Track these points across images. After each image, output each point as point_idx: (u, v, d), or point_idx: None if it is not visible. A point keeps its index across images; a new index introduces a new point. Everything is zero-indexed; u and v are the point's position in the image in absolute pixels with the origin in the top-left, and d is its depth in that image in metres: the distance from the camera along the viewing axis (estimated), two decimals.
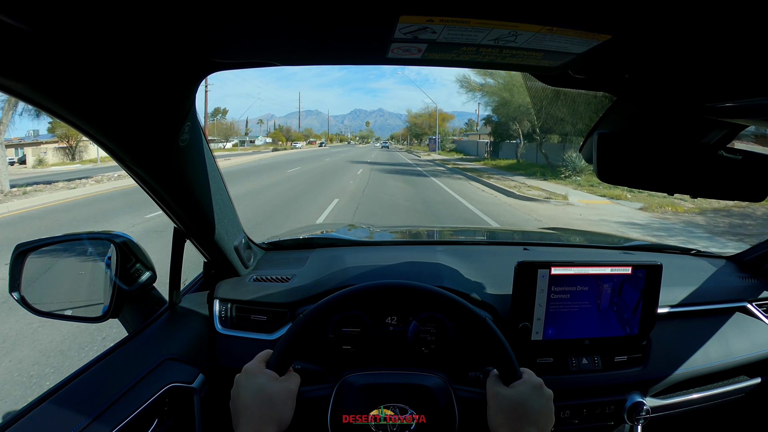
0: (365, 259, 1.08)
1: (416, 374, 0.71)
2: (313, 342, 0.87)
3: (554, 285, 0.88)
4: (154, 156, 0.63)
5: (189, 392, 0.82)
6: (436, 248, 1.21)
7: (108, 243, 0.92)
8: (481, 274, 1.02)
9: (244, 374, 0.62)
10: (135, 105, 0.54)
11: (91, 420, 0.64)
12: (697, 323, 1.05)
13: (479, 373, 0.81)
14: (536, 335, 0.89)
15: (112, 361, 0.77)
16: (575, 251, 1.33)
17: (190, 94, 0.61)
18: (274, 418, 0.59)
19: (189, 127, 0.66)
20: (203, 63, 0.57)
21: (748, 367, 1.08)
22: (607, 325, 0.92)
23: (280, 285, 0.97)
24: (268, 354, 0.65)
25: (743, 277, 1.19)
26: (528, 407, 0.59)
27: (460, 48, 0.48)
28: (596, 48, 0.48)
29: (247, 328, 0.93)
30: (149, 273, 0.94)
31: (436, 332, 0.88)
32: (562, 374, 0.92)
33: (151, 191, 0.71)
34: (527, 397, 0.60)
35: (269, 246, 1.18)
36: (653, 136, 0.73)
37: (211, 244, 0.88)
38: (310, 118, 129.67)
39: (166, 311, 0.91)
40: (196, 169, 0.74)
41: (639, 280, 0.92)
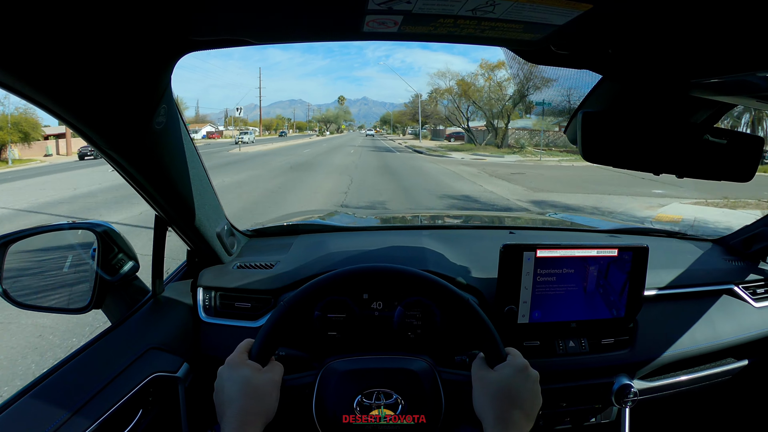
0: (349, 244, 1.07)
1: (400, 358, 0.70)
2: (298, 329, 0.86)
3: (540, 268, 0.87)
4: (129, 139, 0.62)
5: (173, 381, 0.81)
6: (421, 233, 1.21)
7: (90, 233, 0.91)
8: (466, 257, 1.02)
9: (227, 366, 0.61)
10: (106, 85, 0.52)
11: (72, 413, 0.64)
12: (684, 306, 1.06)
13: (465, 357, 0.81)
14: (522, 318, 0.89)
15: (93, 352, 0.76)
16: (562, 234, 1.33)
17: (165, 75, 0.60)
18: (260, 409, 0.58)
19: (165, 110, 0.64)
20: (177, 42, 0.55)
21: (735, 349, 1.09)
22: (594, 308, 0.92)
23: (264, 272, 0.96)
24: (249, 343, 0.64)
25: (729, 259, 1.19)
26: (513, 390, 0.59)
27: (437, 20, 0.47)
28: (578, 19, 0.47)
29: (231, 316, 0.92)
30: (132, 263, 0.93)
31: (422, 317, 0.87)
32: (549, 357, 0.92)
33: (128, 176, 0.70)
34: (512, 379, 0.59)
35: (253, 233, 1.17)
36: (638, 116, 0.72)
37: (193, 231, 0.86)
38: (294, 108, 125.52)
39: (149, 301, 0.89)
40: (174, 154, 0.72)
41: (625, 262, 0.92)
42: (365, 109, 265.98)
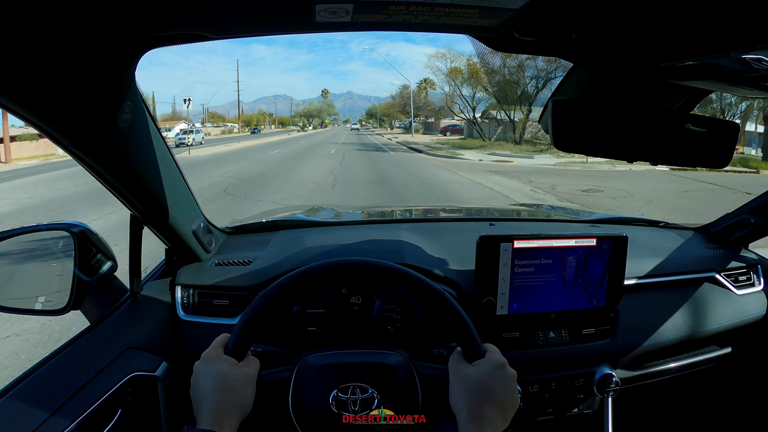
0: (327, 239, 1.07)
1: (376, 353, 0.70)
2: (277, 324, 0.86)
3: (518, 259, 0.87)
4: (93, 137, 0.61)
5: (152, 381, 0.81)
6: (401, 226, 1.20)
7: (67, 234, 0.90)
8: (445, 250, 1.01)
9: (203, 361, 0.61)
10: (65, 84, 0.51)
11: (50, 414, 0.63)
12: (666, 294, 1.06)
13: (443, 350, 0.81)
14: (501, 310, 0.89)
15: (71, 353, 0.75)
16: (542, 225, 1.33)
17: (128, 72, 0.59)
18: (235, 404, 0.58)
19: (130, 107, 0.64)
20: (135, 39, 0.55)
21: (718, 337, 1.09)
22: (573, 298, 0.92)
23: (242, 268, 0.95)
24: (225, 338, 0.64)
25: (711, 247, 1.20)
26: (489, 386, 0.58)
27: (388, 7, 0.46)
28: (534, 3, 0.47)
29: (209, 314, 0.92)
30: (110, 262, 0.93)
31: (401, 311, 0.87)
32: (529, 348, 0.92)
33: (97, 175, 0.69)
34: (489, 376, 0.59)
35: (233, 230, 1.16)
36: (610, 103, 0.72)
37: (168, 229, 0.86)
38: (278, 103, 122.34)
39: (127, 300, 0.89)
40: (142, 152, 0.72)
41: (604, 252, 0.92)
42: (350, 103, 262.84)
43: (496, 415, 0.56)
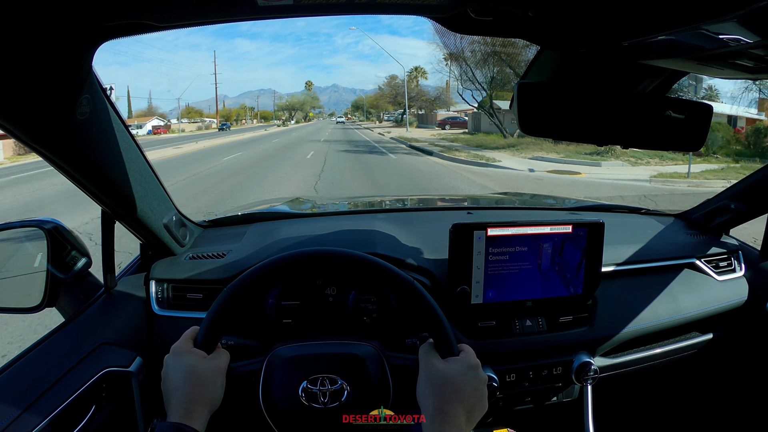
0: (301, 230, 1.07)
1: (346, 343, 0.70)
2: (249, 317, 0.86)
3: (492, 246, 0.87)
4: (51, 131, 0.60)
5: (127, 376, 0.81)
6: (376, 216, 1.20)
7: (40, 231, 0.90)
8: (420, 239, 1.01)
9: (172, 354, 0.61)
10: (16, 77, 0.51)
11: (21, 411, 0.63)
12: (645, 281, 1.05)
13: (416, 340, 0.80)
14: (476, 298, 0.88)
15: (44, 350, 0.75)
16: (521, 213, 1.32)
17: (83, 65, 0.59)
18: (205, 397, 0.58)
19: (88, 100, 0.63)
20: (86, 30, 0.54)
21: (699, 323, 1.09)
22: (550, 286, 0.92)
23: (216, 261, 0.95)
24: (195, 331, 0.64)
25: (691, 234, 1.19)
26: (459, 385, 0.57)
27: None
28: None
29: (183, 308, 0.91)
30: (85, 259, 0.92)
31: (376, 301, 0.87)
32: (505, 337, 0.91)
33: (61, 170, 0.69)
34: (460, 374, 0.58)
35: (209, 223, 1.16)
36: (578, 85, 0.71)
37: (138, 224, 0.85)
38: (263, 97, 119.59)
39: (101, 296, 0.89)
40: (105, 145, 0.71)
41: (580, 238, 0.91)
42: (335, 96, 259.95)
43: (461, 414, 0.56)
